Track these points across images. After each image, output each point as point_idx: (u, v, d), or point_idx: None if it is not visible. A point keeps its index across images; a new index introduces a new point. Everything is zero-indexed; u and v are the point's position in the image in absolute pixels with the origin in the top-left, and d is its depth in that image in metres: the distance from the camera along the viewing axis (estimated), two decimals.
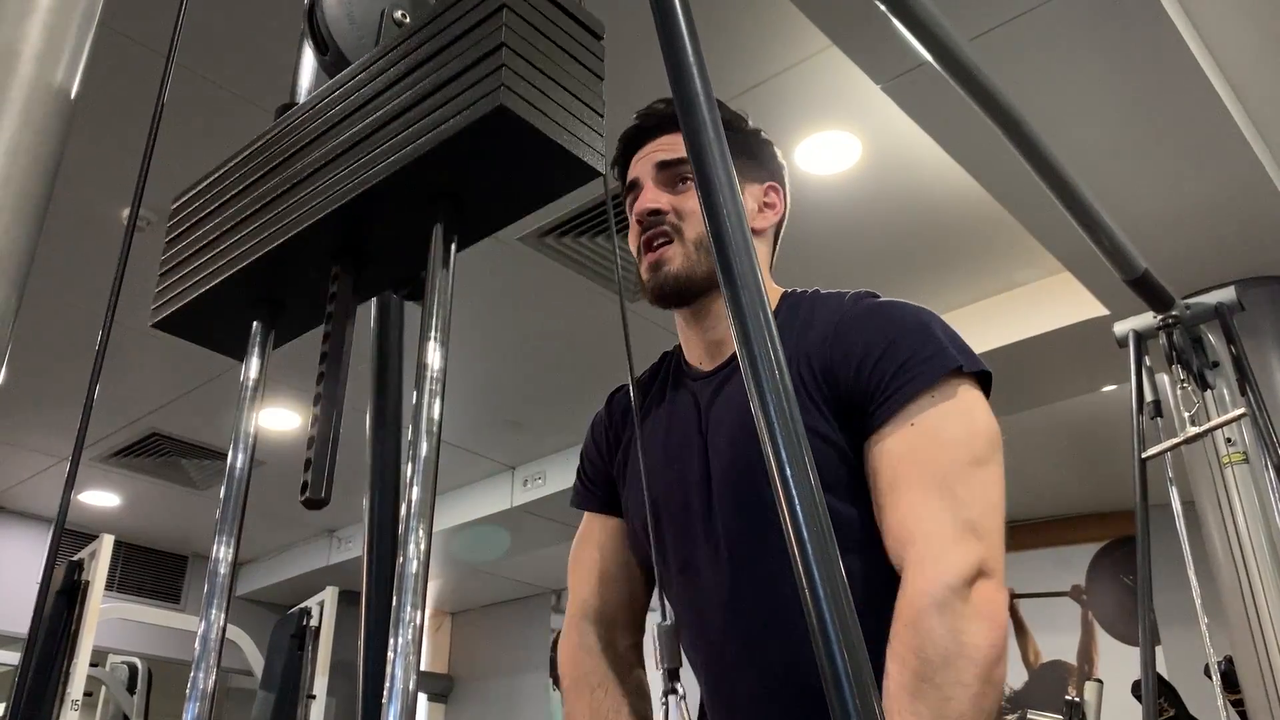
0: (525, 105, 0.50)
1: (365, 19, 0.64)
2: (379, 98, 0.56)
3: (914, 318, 1.19)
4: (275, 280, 0.61)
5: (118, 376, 4.49)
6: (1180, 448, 2.38)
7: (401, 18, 0.65)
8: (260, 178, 0.61)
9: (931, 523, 1.06)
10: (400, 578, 0.48)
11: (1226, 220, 2.90)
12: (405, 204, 0.55)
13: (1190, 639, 3.00)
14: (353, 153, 0.55)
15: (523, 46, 0.51)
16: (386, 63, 0.57)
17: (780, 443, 0.49)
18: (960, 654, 0.99)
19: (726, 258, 0.54)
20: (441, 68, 0.53)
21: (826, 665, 0.43)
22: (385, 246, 0.59)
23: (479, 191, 0.54)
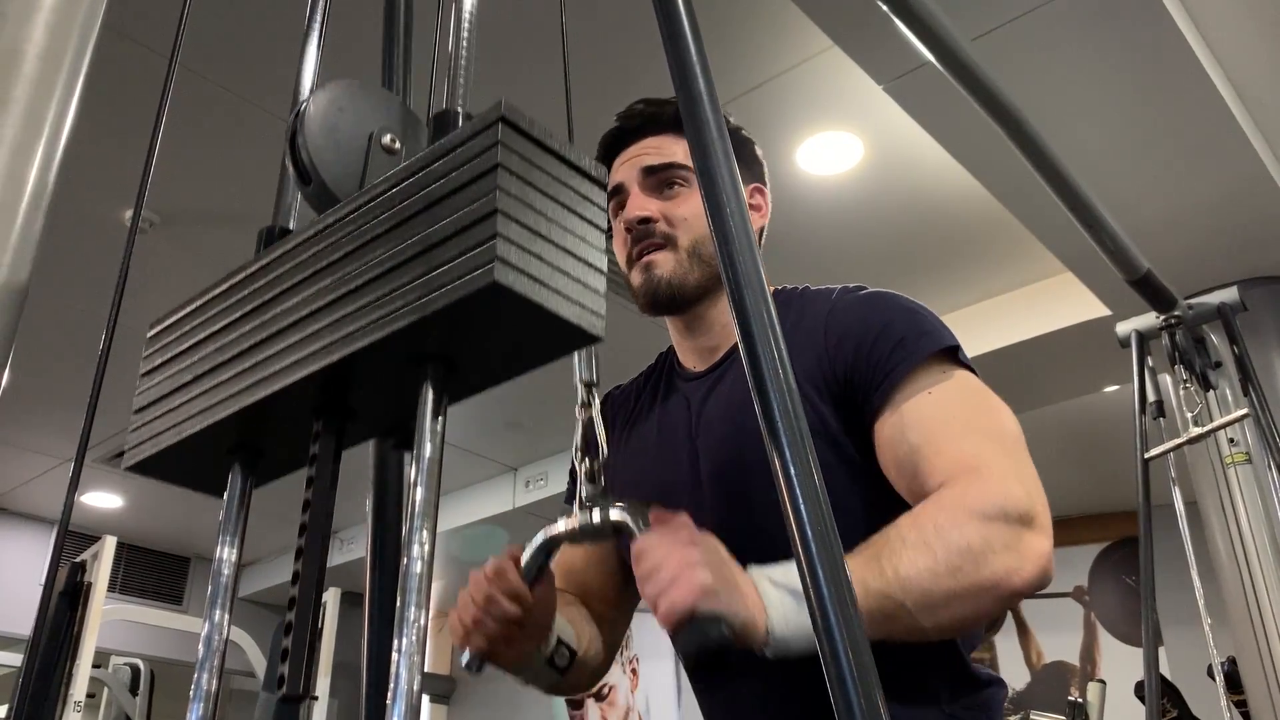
0: (520, 277, 0.47)
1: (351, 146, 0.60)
2: (365, 249, 0.53)
3: (904, 303, 1.20)
4: (253, 430, 0.58)
5: (120, 377, 4.48)
6: (1183, 448, 2.38)
7: (391, 143, 0.61)
8: (240, 317, 0.59)
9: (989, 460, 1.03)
10: (404, 579, 0.48)
11: (1229, 220, 2.89)
12: (392, 365, 0.52)
13: (1193, 639, 2.99)
14: (337, 307, 0.52)
15: (518, 210, 0.49)
16: (374, 209, 0.53)
17: (785, 444, 0.49)
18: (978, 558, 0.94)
19: (732, 259, 0.54)
20: (432, 225, 0.50)
21: (831, 665, 0.43)
22: (371, 401, 0.56)
23: (472, 355, 0.52)
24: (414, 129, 0.63)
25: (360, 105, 0.62)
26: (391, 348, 0.50)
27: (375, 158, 0.60)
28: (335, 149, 0.60)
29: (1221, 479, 2.91)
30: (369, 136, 0.61)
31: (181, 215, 3.44)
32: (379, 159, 0.60)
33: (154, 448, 0.60)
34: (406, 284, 0.49)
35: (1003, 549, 0.97)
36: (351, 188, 0.59)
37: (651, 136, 1.28)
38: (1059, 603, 5.67)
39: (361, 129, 0.61)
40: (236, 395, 0.56)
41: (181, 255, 3.67)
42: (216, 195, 3.33)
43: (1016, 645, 5.75)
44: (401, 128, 0.62)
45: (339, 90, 0.62)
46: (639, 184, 1.27)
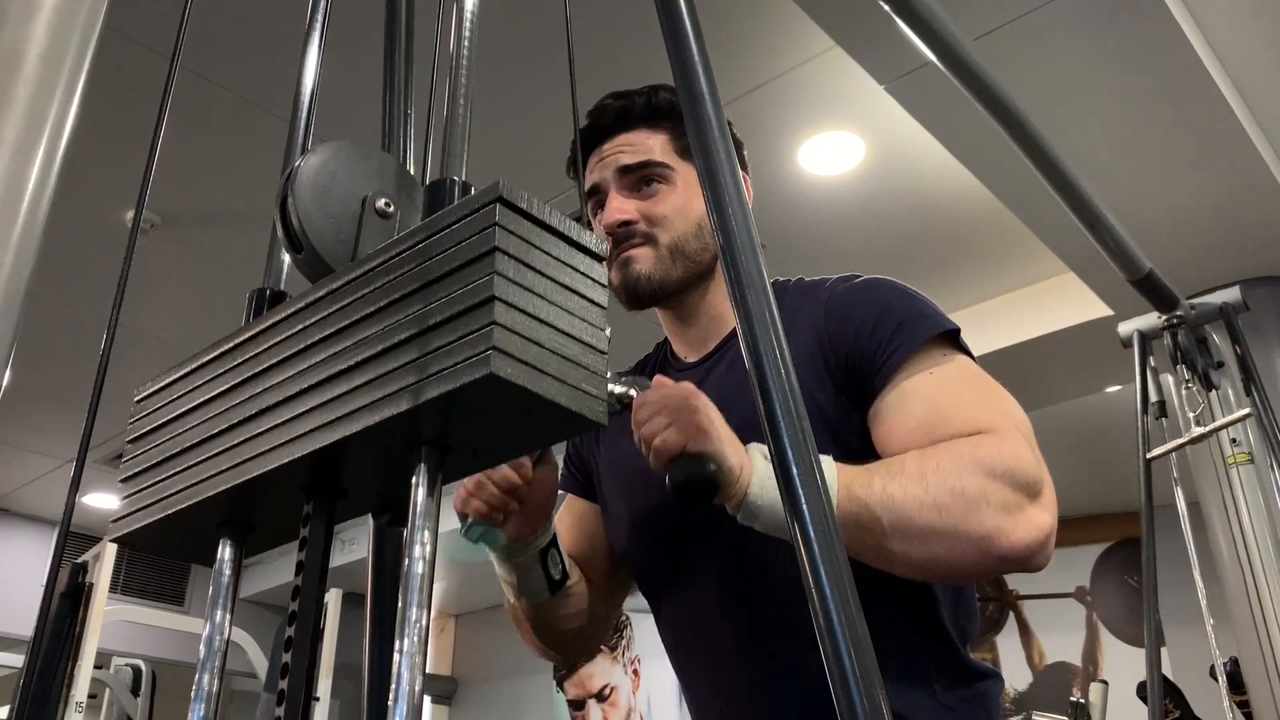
0: (517, 366, 0.46)
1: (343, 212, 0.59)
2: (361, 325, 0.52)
3: (902, 288, 1.21)
4: (243, 507, 0.58)
5: (121, 378, 4.48)
6: (1185, 448, 2.38)
7: (385, 207, 0.60)
8: (231, 389, 0.58)
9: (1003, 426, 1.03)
10: (406, 580, 0.48)
11: (1231, 220, 2.89)
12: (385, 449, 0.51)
13: (1196, 640, 2.99)
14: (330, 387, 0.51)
15: (515, 294, 0.47)
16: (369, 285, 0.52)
17: (787, 445, 0.49)
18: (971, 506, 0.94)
19: (734, 258, 0.54)
20: (428, 306, 0.49)
21: (833, 665, 0.43)
22: (363, 480, 0.56)
23: (467, 440, 0.51)
24: (409, 191, 0.62)
25: (353, 168, 0.61)
26: (385, 432, 0.49)
27: (369, 223, 0.58)
28: (327, 215, 0.58)
29: (1224, 479, 2.91)
30: (362, 201, 0.59)
31: (183, 216, 3.44)
32: (373, 224, 0.59)
33: (142, 521, 0.59)
34: (401, 368, 0.48)
35: (999, 508, 0.96)
36: (344, 255, 0.58)
37: (624, 133, 1.27)
38: (1061, 603, 5.67)
39: (354, 193, 0.59)
40: (225, 473, 0.55)
41: (183, 256, 3.67)
42: (218, 196, 3.34)
43: (1018, 646, 5.75)
44: (396, 191, 0.61)
45: (330, 153, 0.60)
46: (616, 184, 1.25)
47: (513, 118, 2.95)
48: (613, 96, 1.30)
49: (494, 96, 2.85)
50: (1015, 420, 1.07)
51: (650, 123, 1.27)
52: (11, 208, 0.40)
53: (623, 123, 1.27)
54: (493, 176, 1.08)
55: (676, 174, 1.25)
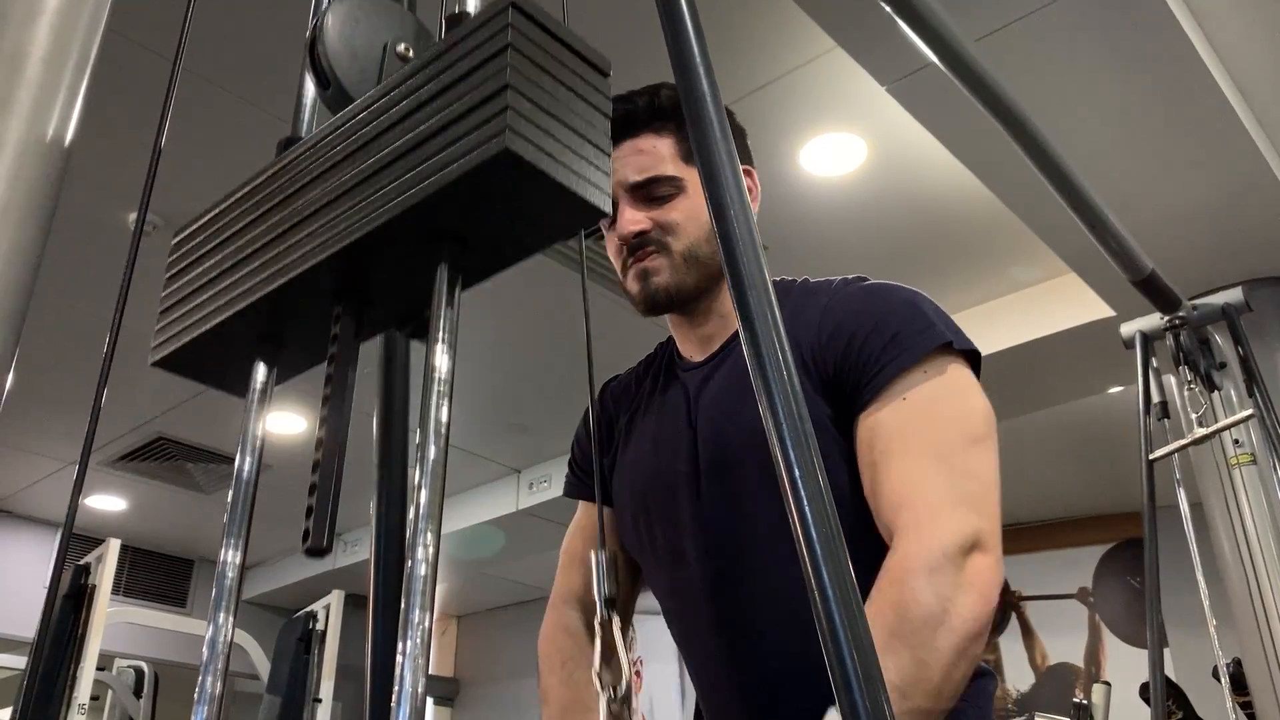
0: (531, 148, 0.49)
1: (367, 53, 0.63)
2: (381, 137, 0.55)
3: (902, 296, 1.20)
4: (276, 320, 0.60)
5: (124, 380, 4.49)
6: (1188, 449, 2.38)
7: (405, 51, 0.64)
8: (261, 215, 0.61)
9: (928, 490, 1.04)
10: (409, 581, 0.48)
11: (1233, 220, 2.89)
12: (408, 245, 0.54)
13: (1198, 641, 2.99)
14: (354, 193, 0.54)
15: (528, 87, 0.50)
16: (389, 101, 0.56)
17: (789, 444, 0.49)
18: (943, 621, 0.95)
19: (735, 259, 0.54)
20: (446, 108, 0.52)
21: (836, 667, 0.43)
22: (388, 286, 0.58)
23: (484, 233, 0.54)
24: (427, 41, 0.65)
25: (375, 17, 0.64)
26: (407, 224, 0.52)
27: (390, 64, 0.62)
28: (352, 55, 0.62)
29: (1226, 480, 2.90)
30: (384, 46, 0.63)
31: (185, 218, 3.43)
32: (394, 65, 0.62)
33: (178, 342, 0.63)
34: (420, 164, 0.51)
35: (955, 593, 0.97)
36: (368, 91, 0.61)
37: (630, 139, 1.27)
38: (1064, 604, 5.66)
39: (377, 38, 0.63)
40: (258, 285, 0.58)
41: None
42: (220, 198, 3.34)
43: (1021, 647, 5.74)
44: (415, 39, 0.65)
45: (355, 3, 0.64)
46: (626, 197, 1.26)
47: None
48: (615, 100, 1.30)
49: None
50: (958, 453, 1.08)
51: (654, 126, 1.27)
52: (15, 210, 0.40)
53: (628, 128, 1.27)
54: None
55: (686, 181, 1.26)
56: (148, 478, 5.68)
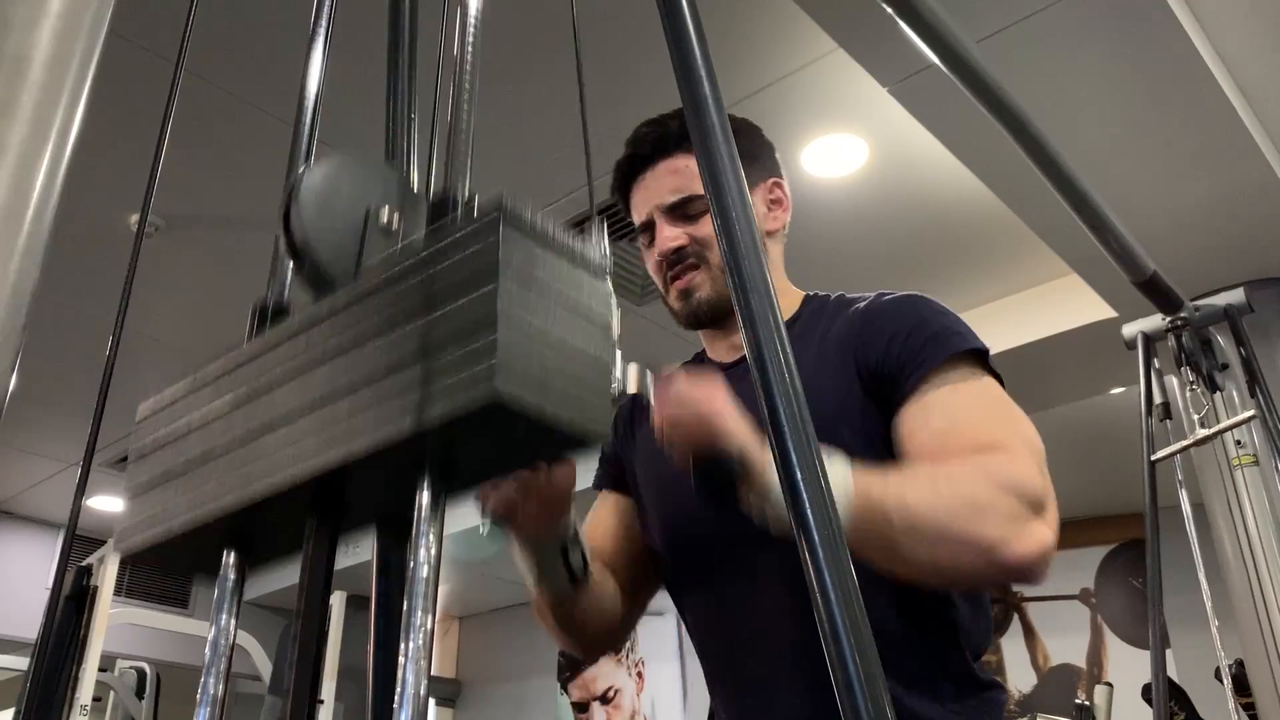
0: (522, 386, 0.45)
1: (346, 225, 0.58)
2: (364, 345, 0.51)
3: (938, 306, 1.23)
4: (246, 525, 0.57)
5: (127, 382, 4.49)
6: (1190, 450, 2.38)
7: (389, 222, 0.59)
8: (233, 408, 0.57)
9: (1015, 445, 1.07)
10: (410, 582, 0.48)
11: (1235, 221, 2.89)
12: (389, 467, 0.51)
13: (1201, 642, 2.98)
14: (334, 407, 0.51)
15: (519, 312, 0.47)
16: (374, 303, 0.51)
17: (789, 443, 0.49)
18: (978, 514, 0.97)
19: (738, 261, 0.54)
20: (432, 325, 0.48)
21: (838, 667, 0.43)
22: (367, 495, 0.55)
23: (472, 458, 0.51)
24: (413, 204, 0.61)
25: (356, 179, 0.60)
26: (389, 452, 0.48)
27: (372, 236, 0.58)
28: (329, 226, 0.57)
29: (1229, 481, 2.90)
30: (365, 213, 0.59)
31: (187, 220, 3.44)
32: (376, 237, 0.58)
33: (147, 538, 0.59)
34: (405, 388, 0.47)
35: (1007, 518, 0.99)
36: (346, 267, 0.57)
37: (664, 159, 1.31)
38: (1066, 605, 5.66)
39: (358, 204, 0.59)
40: (228, 492, 0.54)
41: (188, 260, 3.68)
42: (222, 200, 3.34)
43: (1023, 648, 5.74)
44: (400, 203, 0.60)
45: (334, 164, 0.60)
46: (663, 217, 1.31)
47: (518, 119, 2.96)
48: (648, 125, 1.35)
49: (499, 97, 2.85)
50: (1028, 442, 1.10)
51: (686, 146, 1.29)
52: (17, 213, 0.40)
53: (660, 150, 1.32)
54: (498, 178, 1.08)
55: None
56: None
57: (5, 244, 0.39)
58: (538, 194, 3.25)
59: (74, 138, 0.45)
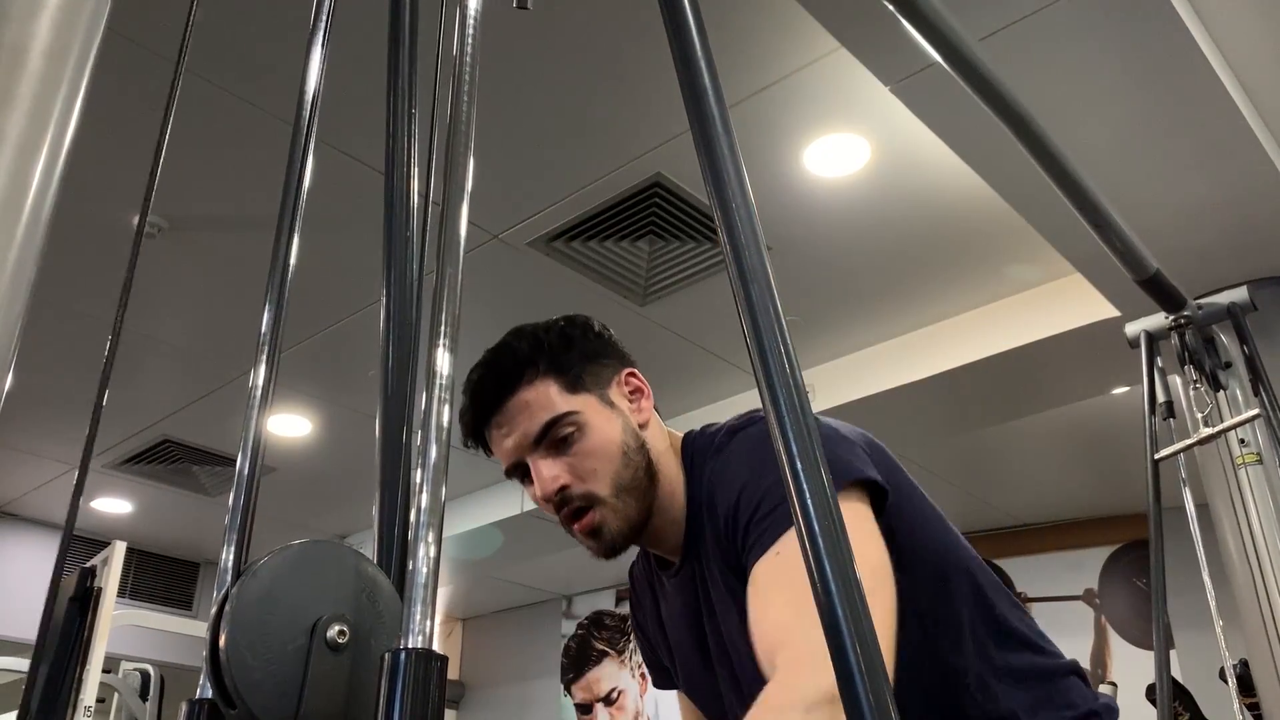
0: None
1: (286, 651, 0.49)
2: None
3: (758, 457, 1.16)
4: None
5: (129, 383, 4.50)
6: (1193, 449, 2.37)
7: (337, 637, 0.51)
8: None
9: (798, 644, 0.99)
10: (410, 585, 0.48)
11: (1238, 219, 2.88)
12: None
13: (1205, 642, 2.98)
14: None
15: None
16: None
17: (790, 438, 0.49)
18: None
19: (739, 255, 0.54)
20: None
21: (838, 660, 0.43)
22: None
23: None
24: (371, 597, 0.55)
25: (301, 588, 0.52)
26: None
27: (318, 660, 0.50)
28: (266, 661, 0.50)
29: (1232, 480, 2.90)
30: (311, 629, 0.51)
31: (190, 220, 3.45)
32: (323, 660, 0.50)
33: None
34: None
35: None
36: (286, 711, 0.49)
37: (510, 398, 1.24)
38: (1069, 606, 5.65)
39: (302, 622, 0.51)
40: None
41: (190, 260, 3.68)
42: (225, 200, 3.35)
43: None
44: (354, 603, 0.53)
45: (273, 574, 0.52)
46: (534, 453, 1.24)
47: (518, 119, 2.96)
48: (483, 369, 1.27)
49: (499, 97, 2.85)
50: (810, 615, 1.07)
51: (526, 377, 1.25)
52: (16, 203, 0.40)
53: (503, 390, 1.24)
54: (498, 176, 1.05)
55: (581, 414, 1.24)
56: (153, 480, 5.69)
57: (3, 234, 0.39)
58: (538, 194, 3.25)
59: (72, 130, 0.45)
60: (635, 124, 2.92)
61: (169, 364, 4.40)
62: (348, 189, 3.07)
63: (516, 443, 1.23)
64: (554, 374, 1.24)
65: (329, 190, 3.18)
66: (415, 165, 0.82)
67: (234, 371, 4.43)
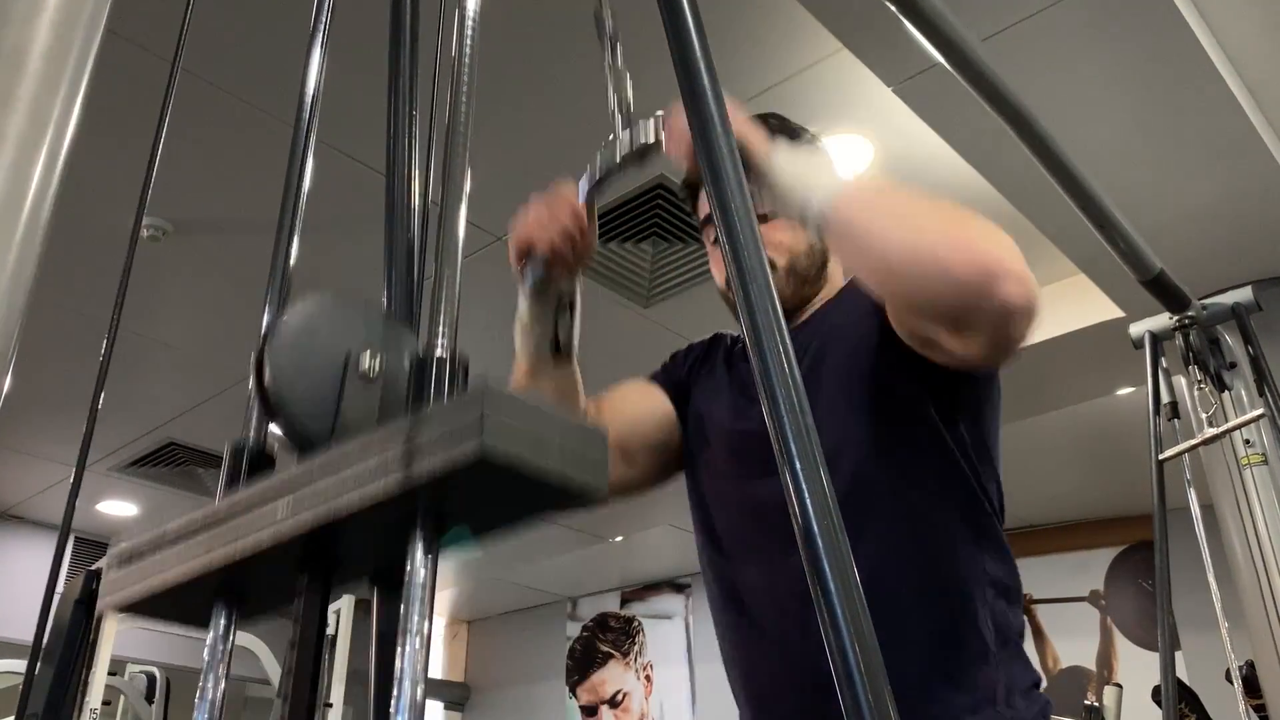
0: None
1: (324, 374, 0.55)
2: None
3: None
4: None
5: (134, 386, 4.51)
6: (1198, 449, 2.37)
7: (369, 368, 0.56)
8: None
9: None
10: (407, 586, 0.48)
11: (1242, 220, 2.88)
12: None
13: (1211, 643, 2.97)
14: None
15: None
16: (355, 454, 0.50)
17: (789, 435, 0.49)
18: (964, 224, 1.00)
19: (737, 252, 0.54)
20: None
21: (838, 658, 0.43)
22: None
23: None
24: (396, 340, 0.59)
25: (335, 323, 0.58)
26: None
27: (351, 386, 0.56)
28: (306, 380, 0.55)
29: (1237, 480, 2.89)
30: (344, 360, 0.57)
31: (195, 224, 3.45)
32: (355, 388, 0.56)
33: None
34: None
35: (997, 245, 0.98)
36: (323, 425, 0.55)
37: None
38: (1075, 607, 5.64)
39: (337, 349, 0.57)
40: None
41: (195, 264, 3.69)
42: (229, 204, 3.35)
43: (1032, 650, 5.72)
44: (382, 342, 0.58)
45: (311, 309, 0.58)
46: None
47: (517, 119, 2.96)
48: None
49: (499, 96, 2.85)
50: None
51: None
52: (15, 204, 0.40)
53: None
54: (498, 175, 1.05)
55: None
56: (158, 483, 5.70)
57: (3, 234, 0.39)
58: None
59: (72, 130, 0.45)
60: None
61: (174, 367, 4.40)
62: (348, 190, 3.07)
63: None
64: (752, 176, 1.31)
65: (330, 191, 3.18)
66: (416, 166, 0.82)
67: (239, 374, 4.44)
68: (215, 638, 0.58)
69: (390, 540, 0.50)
